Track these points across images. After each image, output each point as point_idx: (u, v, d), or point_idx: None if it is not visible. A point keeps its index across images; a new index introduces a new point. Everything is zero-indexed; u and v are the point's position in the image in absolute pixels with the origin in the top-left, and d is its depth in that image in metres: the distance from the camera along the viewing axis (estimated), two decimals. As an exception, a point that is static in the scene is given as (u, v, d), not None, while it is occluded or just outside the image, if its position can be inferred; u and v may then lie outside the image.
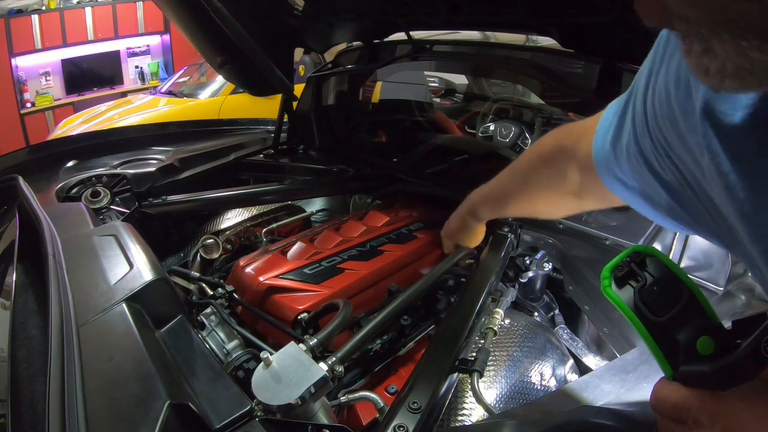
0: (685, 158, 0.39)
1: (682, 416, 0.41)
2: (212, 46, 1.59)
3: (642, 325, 0.43)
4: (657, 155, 0.44)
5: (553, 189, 0.73)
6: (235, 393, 0.66)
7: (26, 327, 0.82)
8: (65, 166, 1.56)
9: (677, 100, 0.37)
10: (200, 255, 1.29)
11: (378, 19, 1.59)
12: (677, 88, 0.37)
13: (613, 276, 0.46)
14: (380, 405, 0.74)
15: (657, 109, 0.41)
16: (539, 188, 0.78)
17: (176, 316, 0.82)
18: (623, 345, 1.03)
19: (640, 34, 1.12)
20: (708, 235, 0.44)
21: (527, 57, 1.51)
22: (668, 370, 0.43)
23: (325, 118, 1.91)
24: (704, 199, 0.39)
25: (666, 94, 0.39)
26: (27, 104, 6.49)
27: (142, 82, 7.39)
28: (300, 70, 4.32)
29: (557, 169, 0.70)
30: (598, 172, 0.57)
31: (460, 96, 3.06)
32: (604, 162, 0.55)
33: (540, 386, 0.92)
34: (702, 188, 0.39)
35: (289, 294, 1.01)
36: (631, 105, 0.48)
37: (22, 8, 6.27)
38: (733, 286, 1.02)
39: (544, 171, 0.74)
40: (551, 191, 0.75)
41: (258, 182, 1.71)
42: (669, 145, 0.41)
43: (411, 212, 1.40)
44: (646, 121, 0.44)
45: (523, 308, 1.21)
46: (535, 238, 1.18)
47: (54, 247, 0.88)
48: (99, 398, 0.59)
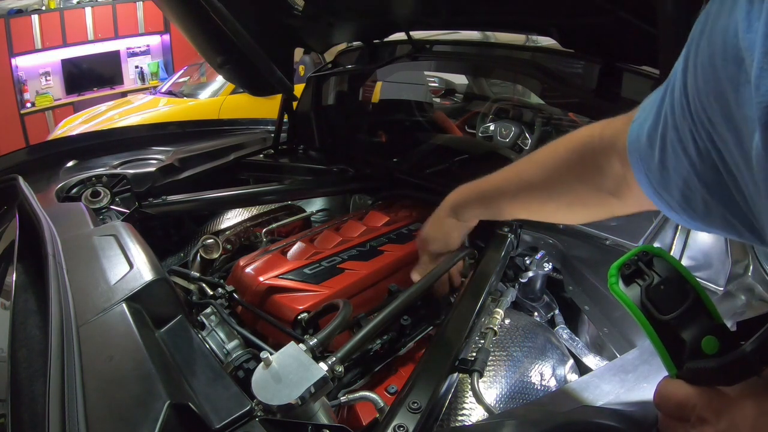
0: (727, 138, 0.37)
1: (685, 414, 0.41)
2: (212, 46, 1.59)
3: (648, 322, 0.43)
4: (698, 139, 0.41)
5: (588, 183, 0.65)
6: (235, 393, 0.66)
7: (26, 327, 0.82)
8: (65, 166, 1.56)
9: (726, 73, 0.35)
10: (200, 255, 1.29)
11: (378, 19, 1.60)
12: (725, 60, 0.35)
13: (620, 274, 0.46)
14: (380, 405, 0.74)
15: (701, 85, 0.39)
16: (569, 183, 0.68)
17: (176, 316, 0.81)
18: (623, 345, 1.03)
19: (640, 34, 1.12)
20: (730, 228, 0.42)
21: (527, 57, 1.51)
22: (672, 368, 0.43)
23: (325, 118, 1.91)
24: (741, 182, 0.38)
25: (711, 68, 0.37)
26: (27, 104, 6.50)
27: (142, 82, 7.40)
28: (300, 70, 4.32)
29: (594, 162, 0.62)
30: (630, 162, 0.53)
31: (460, 96, 3.05)
32: (638, 154, 0.51)
33: (540, 386, 0.92)
34: (740, 171, 0.37)
35: (289, 294, 1.01)
36: (669, 91, 0.45)
37: (22, 8, 6.28)
38: (733, 286, 1.02)
39: (576, 163, 0.66)
40: (585, 186, 0.66)
41: (258, 182, 1.71)
42: (712, 124, 0.39)
43: (411, 212, 1.40)
44: (687, 103, 0.41)
45: (523, 308, 1.21)
46: (535, 238, 1.18)
47: (54, 247, 0.88)
48: (99, 398, 0.59)
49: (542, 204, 0.77)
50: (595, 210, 0.70)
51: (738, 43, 0.33)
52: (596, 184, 0.64)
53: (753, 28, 0.32)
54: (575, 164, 0.67)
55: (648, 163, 0.50)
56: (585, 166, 0.64)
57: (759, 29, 0.31)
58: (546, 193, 0.74)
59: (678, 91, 0.42)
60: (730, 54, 0.34)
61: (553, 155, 0.71)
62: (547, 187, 0.73)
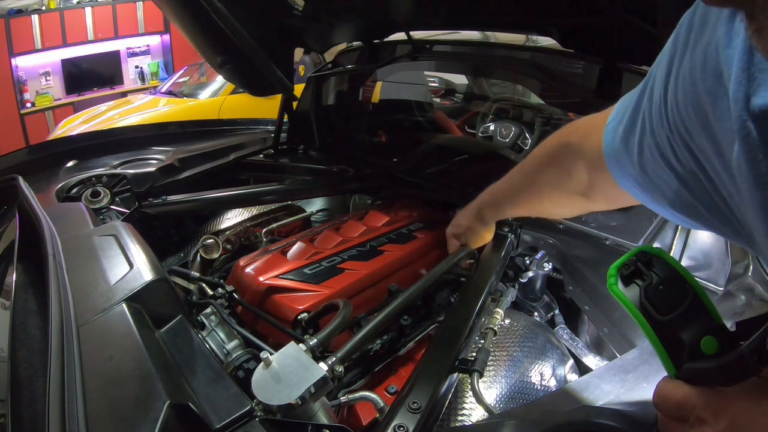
0: (706, 148, 0.38)
1: (684, 414, 0.41)
2: (212, 46, 1.59)
3: (647, 323, 0.44)
4: (675, 146, 0.43)
5: (561, 188, 0.71)
6: (235, 393, 0.66)
7: (26, 327, 0.82)
8: (65, 166, 1.56)
9: (705, 86, 0.37)
10: (200, 255, 1.29)
11: (378, 19, 1.60)
12: (704, 73, 0.36)
13: (619, 274, 0.46)
14: (380, 405, 0.74)
15: (680, 96, 0.40)
16: (546, 188, 0.76)
17: (176, 316, 0.81)
18: (623, 345, 1.03)
19: (640, 34, 1.12)
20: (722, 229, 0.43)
21: (527, 57, 1.51)
22: (671, 368, 0.43)
23: (325, 118, 1.91)
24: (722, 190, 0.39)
25: (691, 80, 0.38)
26: (27, 104, 6.49)
27: (142, 82, 7.39)
28: (300, 70, 4.32)
29: (563, 167, 0.68)
30: (608, 168, 0.56)
31: (460, 96, 3.05)
32: (615, 157, 0.54)
33: (540, 386, 0.92)
34: (721, 180, 0.38)
35: (289, 294, 1.01)
36: (646, 97, 0.47)
37: (22, 8, 6.28)
38: (733, 286, 1.02)
39: (550, 170, 0.72)
40: (558, 190, 0.73)
41: (258, 182, 1.71)
42: (690, 134, 0.40)
43: (411, 212, 1.40)
44: (665, 111, 0.43)
45: (523, 308, 1.21)
46: (535, 238, 1.18)
47: (54, 247, 0.88)
48: (99, 398, 0.59)
49: (531, 204, 0.85)
50: (570, 208, 0.78)
51: (718, 58, 0.34)
52: (565, 186, 0.69)
53: (732, 45, 0.33)
54: (547, 169, 0.73)
55: (627, 166, 0.52)
56: (557, 171, 0.70)
57: (737, 45, 0.32)
58: (531, 194, 0.82)
59: (657, 98, 0.44)
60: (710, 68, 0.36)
61: (531, 161, 0.79)
62: (530, 190, 0.81)
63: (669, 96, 0.42)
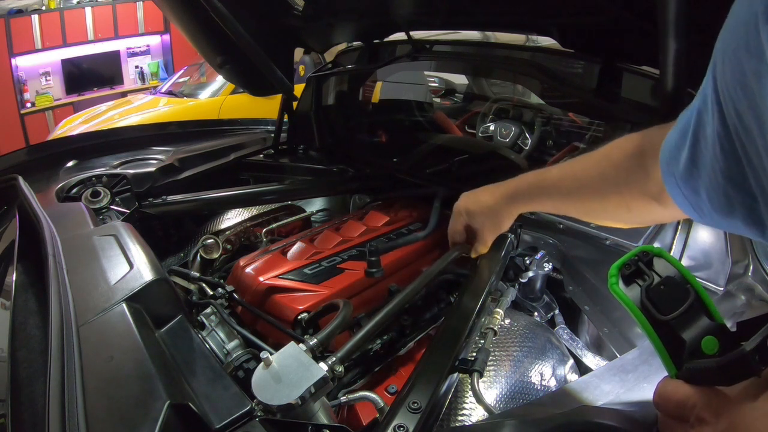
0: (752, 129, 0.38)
1: (684, 413, 0.41)
2: (212, 46, 1.59)
3: (648, 322, 0.44)
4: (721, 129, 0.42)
5: (633, 186, 0.67)
6: (235, 393, 0.66)
7: (26, 327, 0.82)
8: (65, 166, 1.56)
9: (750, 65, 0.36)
10: (200, 255, 1.29)
11: (378, 19, 1.60)
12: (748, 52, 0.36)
13: (620, 274, 0.46)
14: (380, 405, 0.74)
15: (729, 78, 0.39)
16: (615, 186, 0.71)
17: (176, 316, 0.81)
18: (623, 345, 1.03)
19: (640, 34, 1.12)
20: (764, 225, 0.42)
21: (527, 57, 1.51)
22: (672, 368, 0.43)
23: (325, 118, 1.91)
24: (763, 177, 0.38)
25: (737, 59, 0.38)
26: (27, 104, 6.50)
27: (142, 82, 7.40)
28: (300, 70, 4.32)
29: (642, 166, 0.64)
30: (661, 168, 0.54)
31: (460, 96, 3.05)
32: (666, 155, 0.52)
33: (540, 386, 0.92)
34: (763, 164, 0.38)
35: (289, 294, 1.01)
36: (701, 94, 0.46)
37: (22, 8, 6.28)
38: (733, 286, 1.02)
39: (626, 164, 0.68)
40: (630, 188, 0.68)
41: (258, 182, 1.71)
42: (739, 115, 0.39)
43: (411, 212, 1.40)
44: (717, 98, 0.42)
45: (523, 308, 1.21)
46: (535, 238, 1.18)
47: (54, 247, 0.88)
48: (99, 398, 0.59)
49: (590, 203, 0.78)
50: (638, 214, 0.71)
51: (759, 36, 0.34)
52: (642, 187, 0.65)
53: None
54: (626, 166, 0.68)
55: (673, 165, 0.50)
56: (634, 169, 0.66)
57: None
58: (596, 193, 0.75)
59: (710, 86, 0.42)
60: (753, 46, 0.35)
61: (608, 156, 0.73)
62: (598, 187, 0.75)
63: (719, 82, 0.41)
